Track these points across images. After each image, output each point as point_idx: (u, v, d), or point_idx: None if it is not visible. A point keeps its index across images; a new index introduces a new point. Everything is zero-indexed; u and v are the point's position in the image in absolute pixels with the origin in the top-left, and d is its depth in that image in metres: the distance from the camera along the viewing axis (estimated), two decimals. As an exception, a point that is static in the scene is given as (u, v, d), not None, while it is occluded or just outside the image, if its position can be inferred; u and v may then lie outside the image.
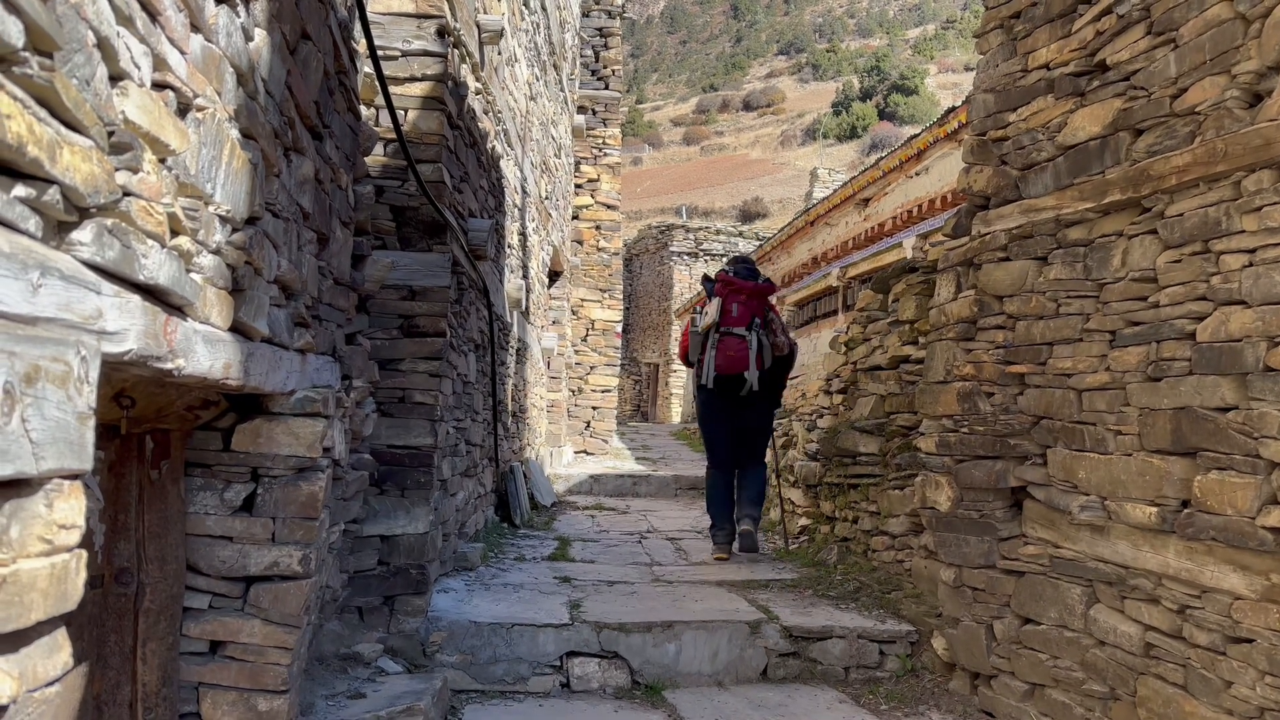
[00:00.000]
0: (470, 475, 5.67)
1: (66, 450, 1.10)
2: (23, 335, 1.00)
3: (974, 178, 4.04)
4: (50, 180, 1.07)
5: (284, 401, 2.43)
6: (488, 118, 5.54)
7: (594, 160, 12.31)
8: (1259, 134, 2.64)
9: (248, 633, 2.41)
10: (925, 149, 9.53)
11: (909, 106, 60.67)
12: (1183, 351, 2.92)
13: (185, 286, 1.51)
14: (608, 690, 4.02)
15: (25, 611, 1.02)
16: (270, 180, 2.10)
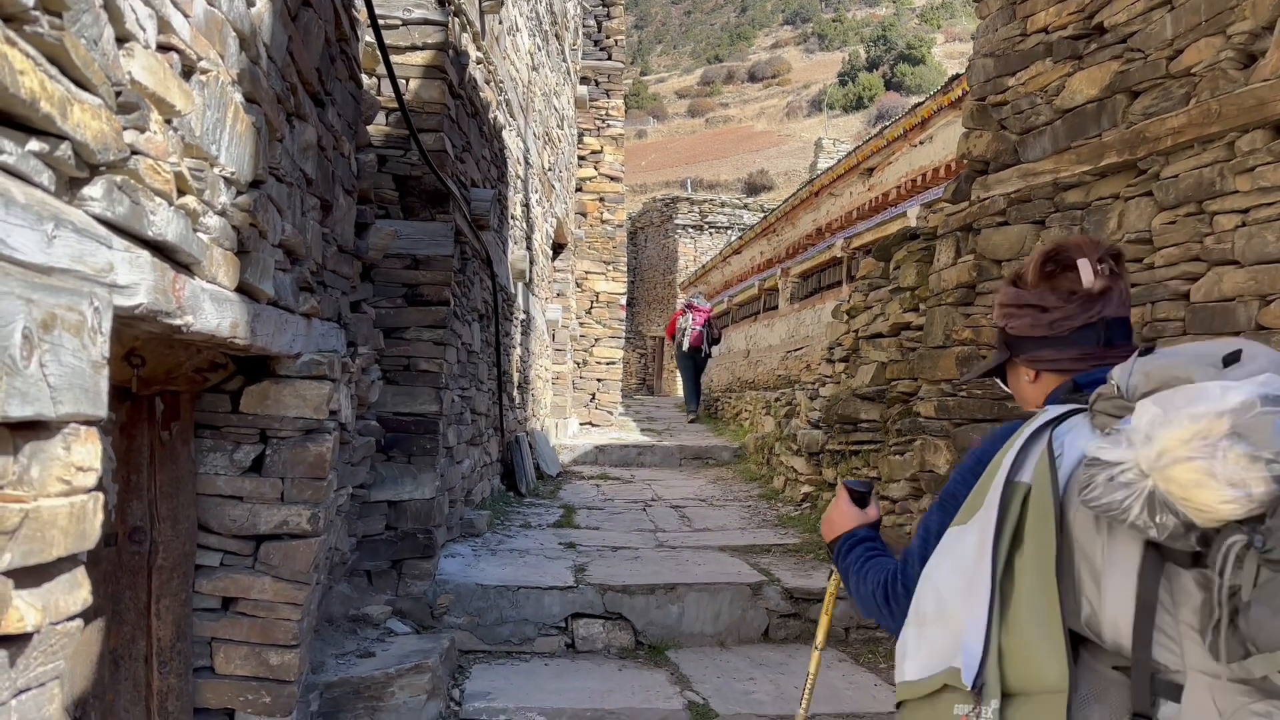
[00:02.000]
0: (476, 444, 5.73)
1: (82, 396, 1.15)
2: (40, 284, 1.05)
3: (973, 142, 4.06)
4: (62, 136, 1.11)
5: (290, 364, 2.48)
6: (489, 87, 5.55)
7: (597, 132, 12.28)
8: (1253, 94, 2.66)
9: (258, 589, 2.48)
10: (929, 117, 9.50)
11: (915, 76, 60.20)
12: (1177, 312, 2.95)
13: (192, 244, 1.55)
14: (612, 650, 4.09)
15: (47, 547, 1.08)
16: (273, 145, 2.14)
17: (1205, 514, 1.09)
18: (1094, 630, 1.21)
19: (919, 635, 1.35)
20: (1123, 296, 1.48)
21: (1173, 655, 1.15)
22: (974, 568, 1.28)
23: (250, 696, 2.48)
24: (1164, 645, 1.16)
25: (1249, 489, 1.05)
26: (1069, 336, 1.48)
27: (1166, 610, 1.15)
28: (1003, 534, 1.26)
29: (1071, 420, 1.28)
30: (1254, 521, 1.06)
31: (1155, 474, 1.12)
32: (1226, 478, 1.07)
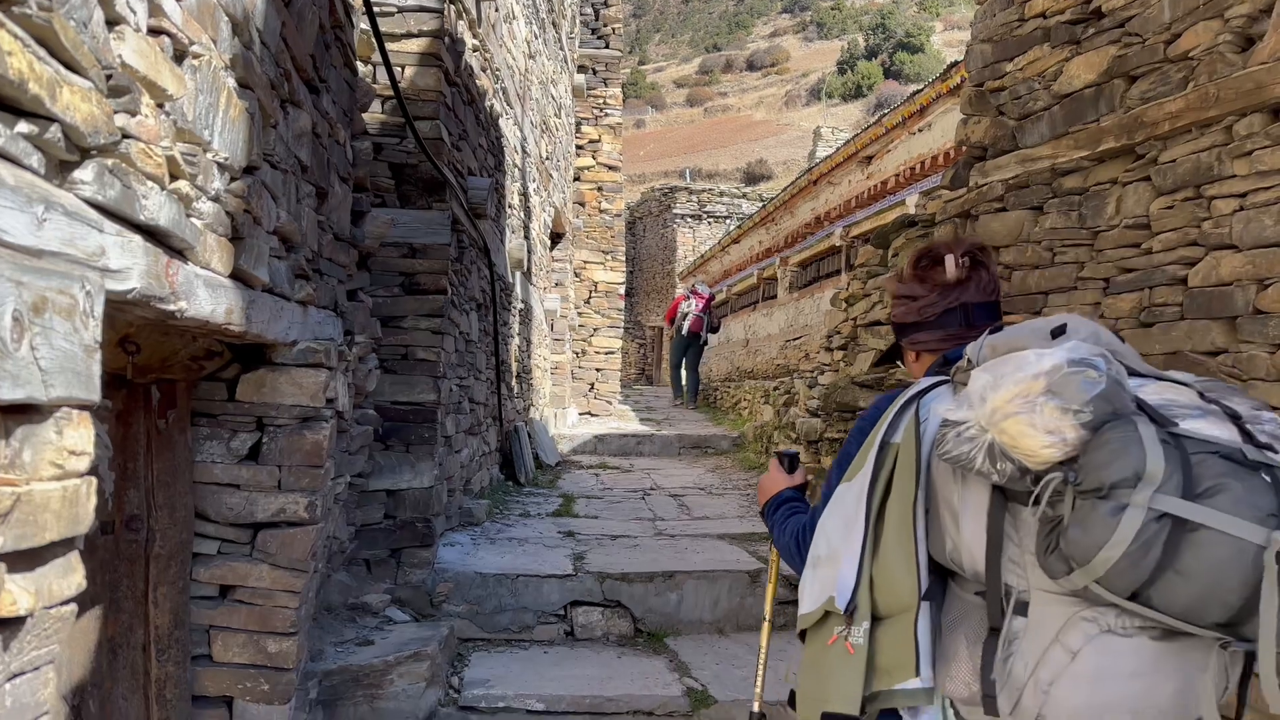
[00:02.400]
0: (474, 433, 5.73)
1: (74, 380, 1.14)
2: (30, 266, 1.04)
3: (971, 129, 4.05)
4: (51, 118, 1.10)
5: (286, 352, 2.47)
6: (485, 75, 5.53)
7: (595, 121, 12.25)
8: (1251, 78, 2.65)
9: (256, 577, 2.48)
10: (928, 105, 9.48)
11: (914, 65, 60.05)
12: (1174, 297, 2.95)
13: (185, 230, 1.55)
14: (611, 638, 4.10)
15: (40, 531, 1.07)
16: (267, 131, 2.13)
17: (1032, 459, 1.33)
18: (957, 563, 1.47)
19: (812, 575, 1.59)
20: (983, 285, 1.71)
21: (1019, 578, 1.40)
22: (853, 515, 1.52)
23: (249, 684, 2.49)
24: (1012, 570, 1.41)
25: (1063, 435, 1.30)
26: (935, 320, 1.72)
27: (1012, 541, 1.41)
28: (876, 486, 1.50)
29: (938, 390, 1.51)
30: (1071, 462, 1.30)
31: (991, 429, 1.36)
32: (1044, 427, 1.31)
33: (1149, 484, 1.27)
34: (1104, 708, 1.36)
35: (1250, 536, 1.26)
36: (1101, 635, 1.37)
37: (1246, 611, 1.28)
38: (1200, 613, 1.30)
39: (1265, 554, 1.23)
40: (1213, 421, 1.34)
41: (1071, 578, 1.33)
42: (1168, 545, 1.28)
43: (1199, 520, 1.27)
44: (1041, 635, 1.40)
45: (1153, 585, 1.29)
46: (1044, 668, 1.39)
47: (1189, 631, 1.33)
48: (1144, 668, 1.37)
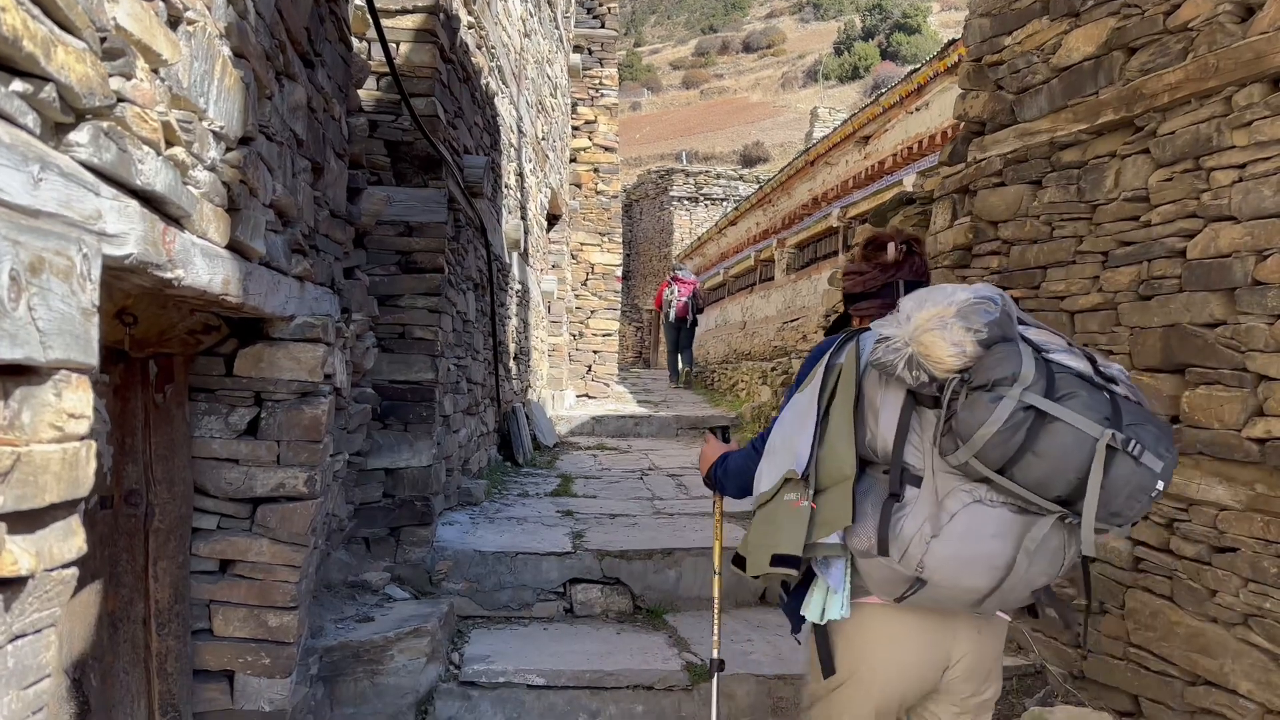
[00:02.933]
0: (472, 413, 5.73)
1: (72, 343, 1.14)
2: (26, 226, 1.03)
3: (970, 103, 4.03)
4: (45, 78, 1.09)
5: (284, 327, 2.46)
6: (481, 53, 5.50)
7: (591, 102, 12.20)
8: (1250, 48, 2.64)
9: (256, 552, 2.48)
10: (925, 84, 9.44)
11: (911, 45, 59.77)
12: (1173, 269, 2.95)
13: (182, 197, 1.54)
14: (610, 614, 4.12)
15: (40, 492, 1.07)
16: (263, 103, 2.11)
17: (939, 366, 1.80)
18: (873, 449, 1.95)
19: (769, 462, 2.05)
20: (914, 267, 2.23)
21: (917, 459, 1.88)
22: (806, 411, 2.01)
23: (249, 658, 2.49)
24: (912, 453, 1.89)
25: (964, 348, 1.78)
26: (877, 292, 2.22)
27: (915, 432, 1.89)
28: (824, 392, 1.99)
29: (869, 334, 2.00)
30: (965, 372, 1.78)
31: (912, 343, 1.83)
32: (952, 340, 1.79)
33: (1021, 384, 1.75)
34: (969, 558, 1.83)
35: (1089, 430, 1.75)
36: (973, 504, 1.84)
37: (1079, 491, 1.77)
38: (1048, 486, 1.78)
39: (1098, 443, 1.74)
40: (1074, 357, 1.87)
41: (958, 453, 1.80)
42: (1030, 431, 1.75)
43: (1055, 414, 1.75)
44: (928, 502, 1.86)
45: (1016, 464, 1.76)
46: (928, 525, 1.84)
47: (1039, 507, 1.81)
48: (1002, 531, 1.83)
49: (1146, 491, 1.80)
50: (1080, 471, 1.77)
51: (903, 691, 2.07)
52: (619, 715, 3.30)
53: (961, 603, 1.93)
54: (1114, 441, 1.76)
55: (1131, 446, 1.77)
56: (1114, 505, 1.80)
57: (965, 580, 1.86)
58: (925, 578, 1.87)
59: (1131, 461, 1.77)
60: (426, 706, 3.23)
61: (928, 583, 1.88)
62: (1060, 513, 1.81)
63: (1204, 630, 2.82)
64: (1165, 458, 1.80)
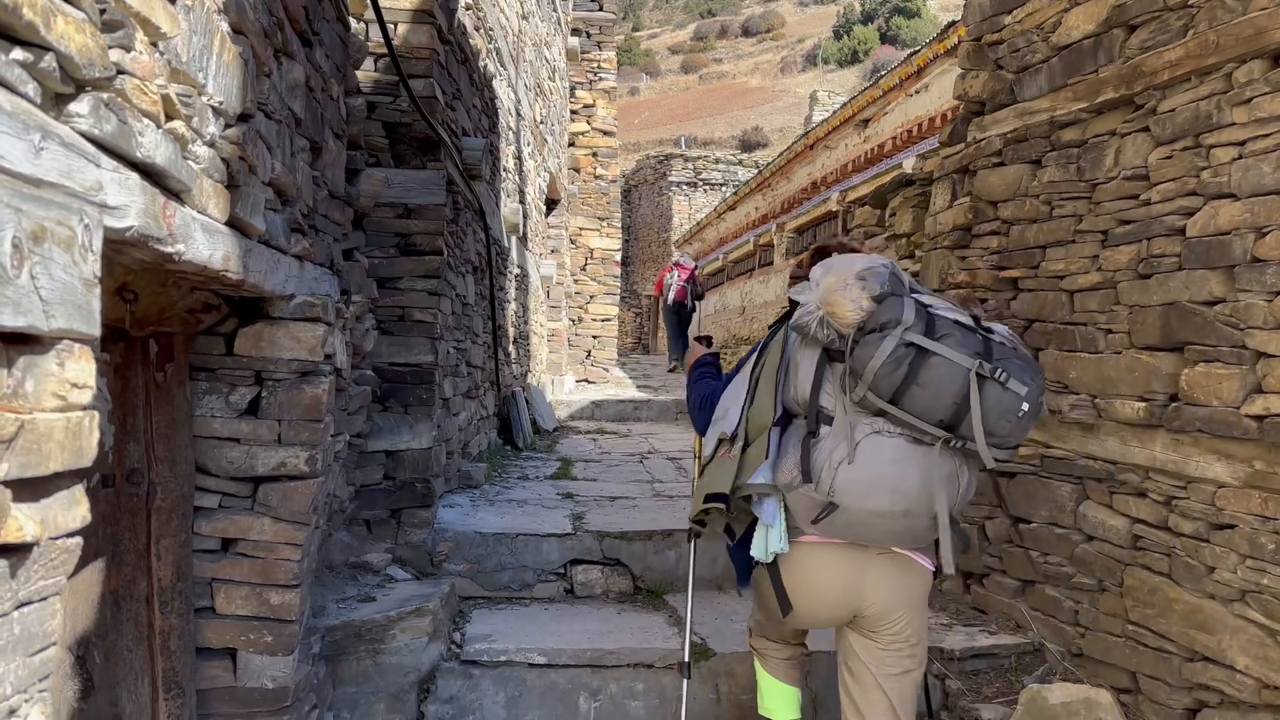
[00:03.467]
0: (472, 397, 5.73)
1: (75, 313, 1.14)
2: (28, 194, 1.03)
3: (969, 83, 4.02)
4: (46, 46, 1.09)
5: (284, 306, 2.47)
6: (479, 35, 5.48)
7: (589, 85, 12.16)
8: (1250, 23, 2.63)
9: (258, 530, 2.49)
10: (925, 66, 9.41)
11: (911, 29, 59.52)
12: (1173, 247, 2.95)
13: (182, 171, 1.54)
14: (610, 595, 4.13)
15: (44, 460, 1.08)
16: (261, 80, 2.11)
17: (843, 322, 2.20)
18: (796, 401, 2.36)
19: (713, 429, 2.53)
20: None
21: (830, 403, 2.29)
22: (740, 386, 2.52)
23: (252, 636, 2.51)
24: (825, 399, 2.30)
25: (861, 304, 2.19)
26: None
27: (829, 381, 2.31)
28: (758, 364, 2.49)
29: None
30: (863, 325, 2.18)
31: (822, 306, 2.23)
32: (851, 299, 2.20)
33: (903, 325, 2.16)
34: (872, 482, 2.21)
35: (962, 362, 2.15)
36: (873, 434, 2.23)
37: (958, 416, 2.16)
38: (932, 412, 2.17)
39: (970, 374, 2.14)
40: (957, 313, 2.27)
41: (857, 389, 2.21)
42: (912, 365, 2.15)
43: (932, 349, 2.15)
44: (838, 436, 2.25)
45: (904, 394, 2.16)
46: (836, 455, 2.22)
47: (929, 435, 2.20)
48: (900, 458, 2.21)
49: (1014, 412, 2.18)
50: (957, 398, 2.16)
51: (819, 614, 2.47)
52: (620, 693, 3.32)
53: (873, 529, 2.27)
54: (983, 370, 2.15)
55: (999, 374, 2.15)
56: (989, 425, 2.18)
57: (870, 502, 2.22)
58: (836, 501, 2.23)
59: (999, 388, 2.16)
60: (428, 685, 3.25)
61: (839, 506, 2.23)
62: (945, 436, 2.20)
63: (1202, 607, 2.83)
64: (1029, 385, 2.18)
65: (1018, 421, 2.19)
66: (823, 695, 3.30)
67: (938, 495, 2.22)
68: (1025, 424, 2.21)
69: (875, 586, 2.37)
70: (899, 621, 2.41)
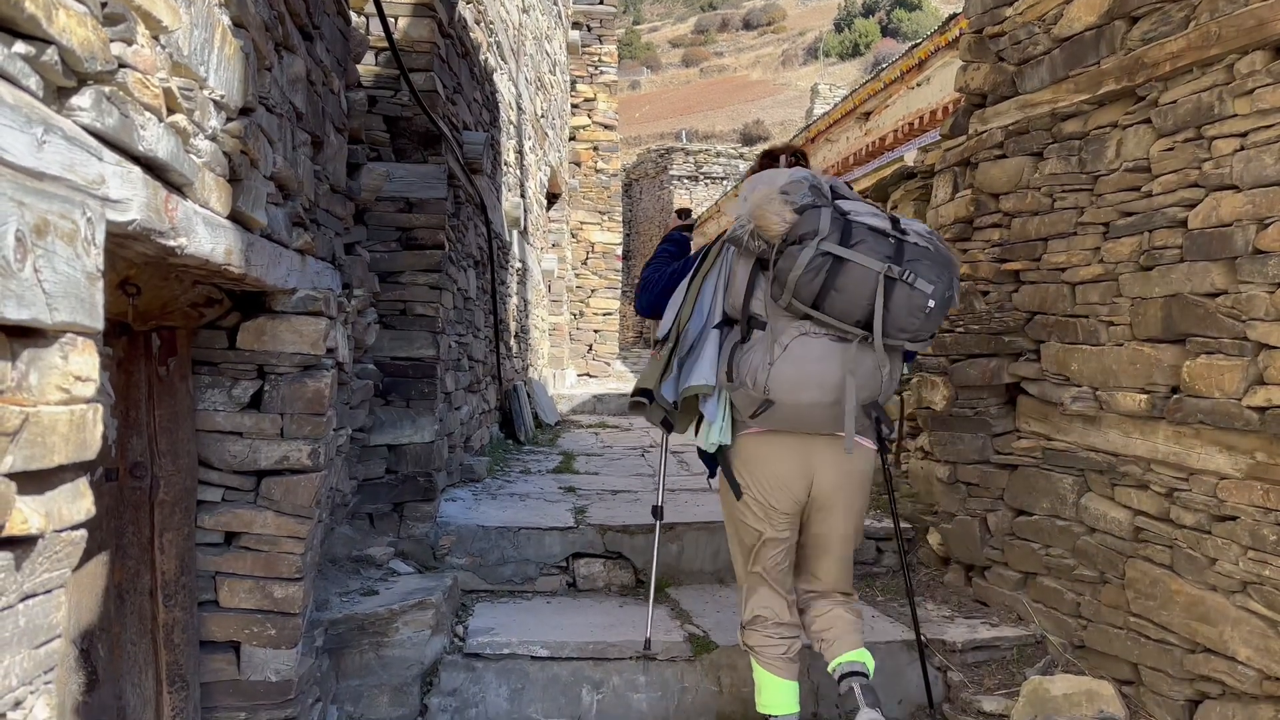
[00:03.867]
0: (474, 391, 5.74)
1: (78, 306, 1.14)
2: (31, 188, 1.04)
3: (971, 75, 4.02)
4: (48, 40, 1.09)
5: (286, 300, 2.47)
6: (479, 28, 5.47)
7: (590, 79, 12.14)
8: (1253, 14, 2.63)
9: (261, 524, 2.49)
10: (926, 59, 9.39)
11: (912, 22, 59.37)
12: (1174, 239, 2.95)
13: (184, 164, 1.54)
14: (613, 588, 4.14)
15: (48, 453, 1.08)
16: (262, 74, 2.11)
17: (770, 233, 2.48)
18: (733, 308, 2.67)
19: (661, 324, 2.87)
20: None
21: (759, 309, 2.59)
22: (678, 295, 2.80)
23: (255, 629, 2.51)
24: (757, 305, 2.60)
25: (784, 217, 2.45)
26: None
27: (759, 289, 2.60)
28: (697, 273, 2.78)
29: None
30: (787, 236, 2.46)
31: (751, 219, 2.50)
32: (775, 213, 2.45)
33: (820, 237, 2.43)
34: (801, 378, 2.52)
35: (873, 267, 2.42)
36: (801, 336, 2.52)
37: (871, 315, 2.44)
38: (849, 313, 2.46)
39: (879, 276, 2.42)
40: (877, 218, 2.52)
41: (782, 296, 2.49)
42: (829, 272, 2.42)
43: (847, 257, 2.42)
44: (770, 338, 2.55)
45: (824, 299, 2.44)
46: (768, 355, 2.53)
47: (850, 334, 2.50)
48: (825, 355, 2.51)
49: (921, 309, 2.47)
50: (871, 299, 2.44)
51: (779, 497, 2.73)
52: (622, 685, 3.32)
53: (809, 419, 2.61)
54: (891, 272, 2.43)
55: (906, 276, 2.43)
56: (899, 323, 2.49)
57: (801, 396, 2.55)
58: (771, 398, 2.55)
59: (907, 288, 2.44)
60: (431, 678, 3.26)
61: (775, 402, 2.56)
62: (863, 334, 2.51)
63: (1203, 598, 2.84)
64: (936, 282, 2.46)
65: (925, 317, 2.50)
66: (823, 688, 3.30)
67: (865, 388, 2.56)
68: (934, 318, 2.52)
69: (823, 465, 2.70)
70: (847, 497, 2.78)
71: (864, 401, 2.59)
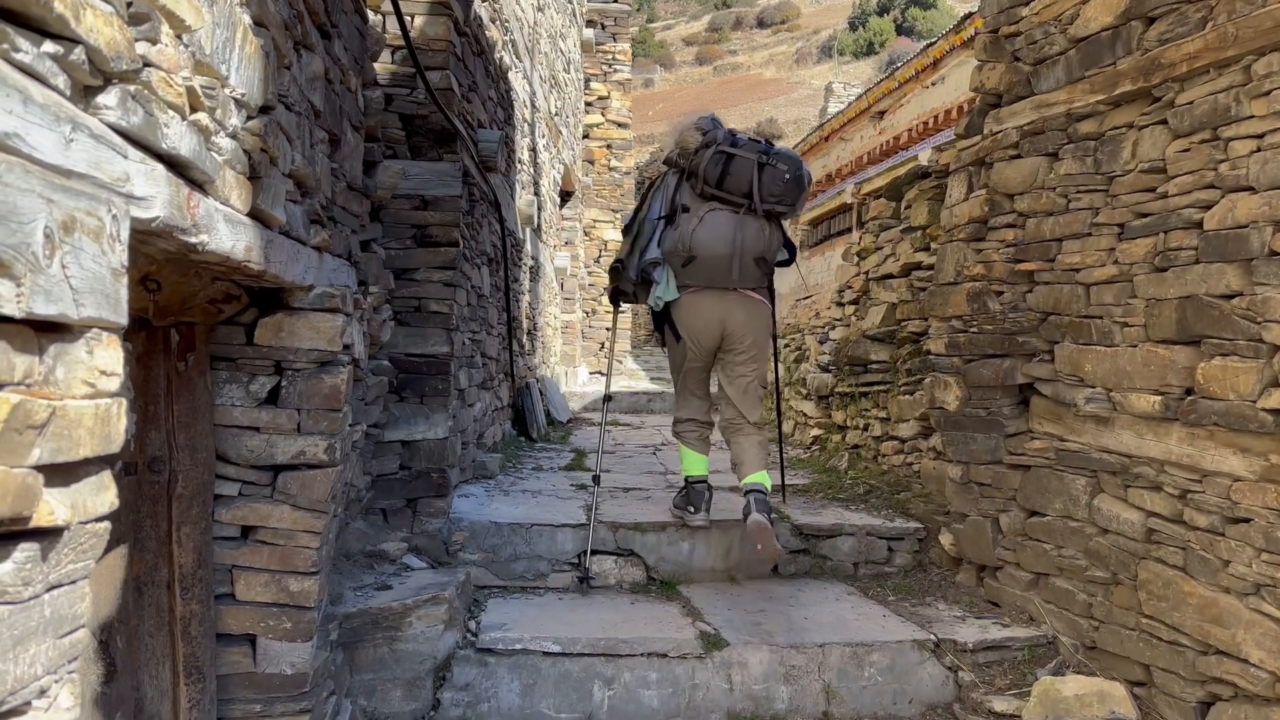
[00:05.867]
0: (487, 388, 5.76)
1: (104, 302, 1.16)
2: (59, 185, 1.06)
3: (986, 75, 4.01)
4: (75, 39, 1.11)
5: (303, 296, 2.49)
6: (495, 27, 5.49)
7: (604, 77, 12.15)
8: (1270, 15, 2.62)
9: (277, 518, 2.51)
10: (941, 58, 9.37)
11: (927, 21, 59.14)
12: (1190, 240, 2.94)
13: (206, 162, 1.56)
14: (624, 585, 4.16)
15: (74, 446, 1.10)
16: (282, 72, 2.13)
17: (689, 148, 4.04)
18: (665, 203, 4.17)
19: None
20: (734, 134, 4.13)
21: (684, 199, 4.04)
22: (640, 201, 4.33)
23: (271, 622, 2.53)
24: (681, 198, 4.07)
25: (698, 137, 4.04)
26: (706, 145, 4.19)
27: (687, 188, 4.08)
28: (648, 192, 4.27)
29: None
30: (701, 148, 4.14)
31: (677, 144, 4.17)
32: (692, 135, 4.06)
33: (720, 143, 3.92)
34: (714, 238, 3.88)
35: (751, 157, 3.89)
36: (710, 211, 3.93)
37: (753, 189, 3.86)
38: (738, 187, 3.87)
39: (754, 162, 3.89)
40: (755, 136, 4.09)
41: (698, 184, 3.94)
42: (725, 164, 3.90)
43: (735, 153, 3.90)
44: (694, 216, 3.93)
45: (724, 183, 3.88)
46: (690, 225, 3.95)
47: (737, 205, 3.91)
48: (727, 222, 3.92)
49: (780, 179, 3.88)
50: (751, 178, 3.88)
51: (703, 336, 4.12)
52: (633, 682, 3.34)
53: (718, 271, 3.96)
54: (762, 159, 3.90)
55: (771, 160, 3.90)
56: (770, 191, 3.88)
57: (713, 250, 3.92)
58: (694, 253, 3.94)
59: (772, 168, 3.88)
60: (444, 672, 3.28)
61: (696, 256, 3.94)
62: (748, 204, 3.90)
63: (1216, 600, 2.83)
64: (788, 166, 3.90)
65: (785, 184, 3.89)
66: (839, 689, 3.31)
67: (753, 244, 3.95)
68: (791, 187, 3.90)
69: (732, 313, 4.05)
70: (748, 339, 4.11)
71: (754, 255, 3.96)
